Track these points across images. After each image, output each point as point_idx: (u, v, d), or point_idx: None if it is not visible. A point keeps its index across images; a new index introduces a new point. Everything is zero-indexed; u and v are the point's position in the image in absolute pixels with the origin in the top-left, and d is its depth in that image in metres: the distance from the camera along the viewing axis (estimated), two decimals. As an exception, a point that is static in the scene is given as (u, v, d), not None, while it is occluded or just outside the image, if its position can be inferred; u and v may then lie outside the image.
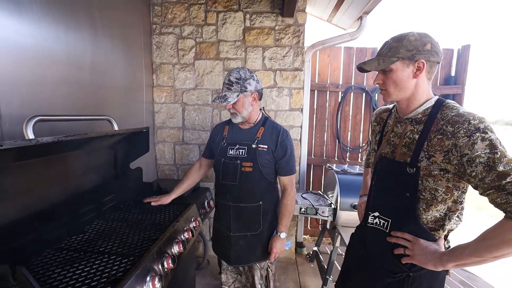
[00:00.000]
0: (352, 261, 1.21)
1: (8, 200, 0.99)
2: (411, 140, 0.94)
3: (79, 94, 1.54)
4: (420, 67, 0.89)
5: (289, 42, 2.45)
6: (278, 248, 1.45)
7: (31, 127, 0.93)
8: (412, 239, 0.93)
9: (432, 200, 0.90)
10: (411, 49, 0.88)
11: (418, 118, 0.94)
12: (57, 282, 0.88)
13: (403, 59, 0.89)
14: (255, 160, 1.40)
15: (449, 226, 0.93)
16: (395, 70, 0.91)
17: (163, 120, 2.61)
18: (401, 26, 79.58)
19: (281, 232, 1.45)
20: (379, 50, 0.96)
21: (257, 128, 1.46)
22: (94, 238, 1.20)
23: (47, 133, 1.27)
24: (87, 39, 1.58)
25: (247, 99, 1.39)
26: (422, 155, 0.89)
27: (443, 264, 0.84)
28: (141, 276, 0.95)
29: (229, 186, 1.46)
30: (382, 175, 1.04)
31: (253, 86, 1.38)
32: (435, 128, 0.87)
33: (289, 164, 1.46)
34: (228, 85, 1.36)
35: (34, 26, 1.23)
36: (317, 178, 3.23)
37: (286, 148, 1.44)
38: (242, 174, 1.42)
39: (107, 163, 1.56)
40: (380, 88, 1.00)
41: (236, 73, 1.36)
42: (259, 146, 1.41)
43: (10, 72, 1.12)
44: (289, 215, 1.47)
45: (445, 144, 0.83)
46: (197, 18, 2.46)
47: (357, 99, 3.08)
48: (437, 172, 0.87)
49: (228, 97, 1.34)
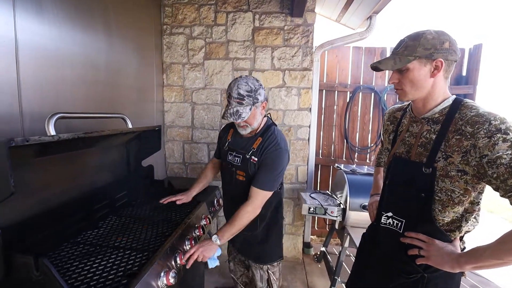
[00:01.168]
0: (364, 262, 1.20)
1: (29, 195, 1.03)
2: (427, 140, 0.93)
3: (95, 93, 1.58)
4: (438, 66, 0.87)
5: (298, 42, 2.45)
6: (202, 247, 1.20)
7: (53, 124, 0.96)
8: (427, 239, 0.92)
9: (448, 201, 0.89)
10: (429, 47, 0.86)
11: (435, 117, 0.93)
12: (76, 274, 0.91)
13: (420, 58, 0.87)
14: (247, 171, 1.39)
15: (466, 227, 0.92)
16: (412, 69, 0.89)
17: (172, 119, 2.65)
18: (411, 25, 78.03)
19: (214, 236, 1.28)
20: (394, 49, 0.94)
21: (255, 138, 1.41)
22: (108, 233, 1.23)
23: (64, 130, 1.31)
24: (102, 41, 1.62)
25: (258, 110, 1.34)
26: (439, 155, 0.88)
27: (461, 265, 0.83)
28: (155, 271, 0.97)
29: (227, 188, 1.55)
30: (396, 175, 1.03)
31: (262, 95, 1.34)
32: (454, 128, 0.86)
33: (263, 176, 1.33)
34: (239, 99, 1.27)
35: (54, 28, 1.27)
36: (325, 178, 3.22)
37: (267, 161, 1.34)
38: (237, 181, 1.45)
39: (120, 160, 1.59)
40: (396, 88, 0.98)
41: (245, 85, 1.28)
42: (252, 157, 1.38)
43: (31, 72, 1.16)
44: (233, 227, 1.30)
45: (463, 145, 0.82)
46: (207, 19, 2.49)
47: (365, 99, 3.06)
48: (455, 173, 0.85)
49: (241, 113, 1.26)
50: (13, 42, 1.06)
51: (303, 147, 2.59)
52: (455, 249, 0.88)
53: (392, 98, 3.01)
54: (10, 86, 1.07)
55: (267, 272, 1.54)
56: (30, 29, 1.14)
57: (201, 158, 2.68)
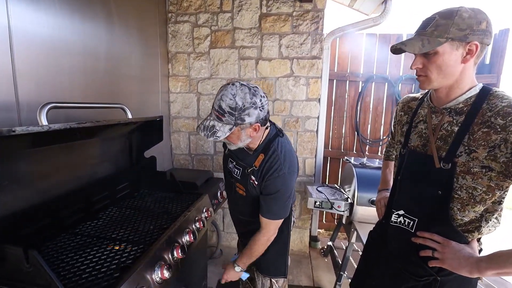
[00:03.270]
0: (371, 261, 1.14)
1: (26, 186, 1.02)
2: (448, 133, 0.83)
3: (95, 83, 1.56)
4: (472, 50, 0.75)
5: (307, 28, 2.34)
6: (229, 276, 1.30)
7: (45, 114, 0.94)
8: (442, 241, 0.84)
9: (469, 200, 0.80)
10: (464, 28, 0.74)
11: (458, 108, 0.83)
12: (69, 266, 0.90)
13: (452, 40, 0.75)
14: (247, 189, 1.22)
15: (486, 228, 0.84)
16: (442, 53, 0.77)
17: (178, 110, 2.62)
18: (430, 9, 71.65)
19: (237, 266, 1.28)
20: (420, 28, 0.81)
21: (257, 154, 1.17)
22: (107, 225, 1.22)
23: (63, 121, 1.29)
24: (102, 29, 1.59)
25: (244, 131, 1.06)
26: (461, 149, 0.79)
27: (481, 271, 0.76)
28: (150, 265, 0.95)
29: (228, 195, 1.43)
30: (410, 170, 0.94)
31: (253, 117, 1.01)
32: (480, 120, 0.77)
33: (269, 206, 1.16)
34: (218, 113, 1.01)
35: (50, 16, 1.24)
36: (334, 172, 3.13)
37: (270, 188, 1.15)
38: (237, 194, 1.29)
39: (121, 151, 1.58)
40: (418, 74, 0.85)
41: (230, 98, 0.98)
42: (251, 177, 1.17)
43: (27, 61, 1.14)
44: (251, 256, 1.25)
45: (491, 139, 0.74)
46: (213, 5, 2.41)
47: (378, 89, 2.91)
48: (478, 170, 0.77)
49: (216, 131, 1.01)
50: (6, 30, 1.04)
51: (311, 139, 2.51)
52: (473, 252, 0.81)
53: (407, 89, 2.85)
54: (5, 75, 1.05)
55: (270, 281, 1.37)
56: (25, 16, 1.11)
57: (206, 149, 2.66)
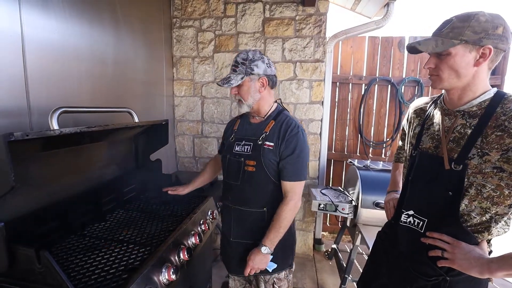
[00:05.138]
0: (379, 261, 1.14)
1: (36, 188, 1.05)
2: (461, 135, 0.84)
3: (103, 88, 1.59)
4: (486, 54, 0.77)
5: (310, 32, 2.36)
6: (255, 262, 1.19)
7: (56, 118, 0.97)
8: (452, 241, 0.85)
9: (476, 196, 0.82)
10: (479, 31, 0.76)
11: (472, 111, 0.84)
12: (79, 267, 0.92)
13: (466, 43, 0.78)
14: (259, 159, 1.20)
15: (495, 230, 0.84)
16: (454, 54, 0.80)
17: (182, 113, 2.65)
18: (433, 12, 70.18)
19: (264, 246, 1.18)
20: (438, 29, 0.84)
21: (267, 122, 1.26)
22: (114, 227, 1.24)
23: (72, 125, 1.33)
24: (110, 35, 1.62)
25: (253, 83, 1.21)
26: (474, 152, 0.80)
27: (491, 272, 0.76)
28: (157, 266, 0.97)
29: (231, 186, 1.30)
30: (421, 171, 0.96)
31: (261, 69, 1.19)
32: (494, 123, 0.78)
33: (294, 167, 1.20)
34: (234, 66, 1.21)
35: (60, 22, 1.28)
36: (338, 174, 3.13)
37: (292, 146, 1.19)
38: (245, 174, 1.23)
39: (128, 154, 1.60)
40: (430, 73, 0.88)
41: (243, 54, 1.21)
42: (265, 143, 1.21)
43: (38, 66, 1.17)
44: (279, 229, 1.19)
45: (505, 142, 0.75)
46: (217, 11, 2.44)
47: (381, 91, 2.92)
48: (489, 170, 0.78)
49: (231, 79, 1.19)
50: (19, 37, 1.08)
51: (315, 141, 2.52)
52: (483, 253, 0.81)
53: (410, 91, 2.85)
54: (18, 81, 1.08)
55: (272, 286, 1.30)
56: (36, 24, 1.15)
57: (211, 152, 2.68)
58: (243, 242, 1.28)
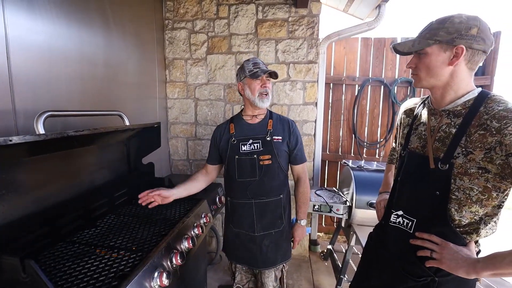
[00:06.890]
0: (371, 262, 1.14)
1: (23, 194, 1.01)
2: (446, 134, 0.86)
3: (93, 90, 1.56)
4: (458, 53, 0.80)
5: (303, 34, 2.36)
6: (300, 235, 1.49)
7: (42, 123, 0.94)
8: (440, 242, 0.85)
9: (466, 200, 0.82)
10: (452, 32, 0.79)
11: (456, 110, 0.85)
12: (67, 275, 0.89)
13: (440, 43, 0.81)
14: (273, 152, 1.37)
15: (484, 231, 0.85)
16: (430, 53, 0.84)
17: (176, 116, 2.62)
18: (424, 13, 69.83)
19: (302, 220, 1.49)
20: (419, 32, 0.88)
21: (266, 121, 1.44)
22: (105, 233, 1.21)
23: (61, 129, 1.29)
24: (100, 36, 1.60)
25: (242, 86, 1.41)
26: (459, 151, 0.81)
27: (477, 271, 0.77)
28: (148, 272, 0.94)
29: (248, 183, 1.37)
30: (409, 171, 0.96)
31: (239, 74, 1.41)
32: (477, 122, 0.79)
33: (301, 152, 1.49)
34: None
35: (47, 23, 1.24)
36: (332, 175, 3.14)
37: (297, 136, 1.46)
38: (262, 168, 1.37)
39: (119, 158, 1.57)
40: (412, 73, 0.93)
41: None
42: (274, 138, 1.39)
43: (24, 69, 1.14)
44: (307, 202, 1.51)
45: (487, 141, 0.75)
46: (209, 12, 2.43)
47: (374, 92, 2.94)
48: (475, 171, 0.78)
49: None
50: (3, 39, 1.05)
51: (309, 142, 2.52)
52: (470, 254, 0.82)
53: (402, 91, 2.88)
54: (2, 83, 1.05)
55: (281, 271, 1.49)
56: (21, 25, 1.12)
57: (204, 155, 2.65)
58: (267, 233, 1.41)
